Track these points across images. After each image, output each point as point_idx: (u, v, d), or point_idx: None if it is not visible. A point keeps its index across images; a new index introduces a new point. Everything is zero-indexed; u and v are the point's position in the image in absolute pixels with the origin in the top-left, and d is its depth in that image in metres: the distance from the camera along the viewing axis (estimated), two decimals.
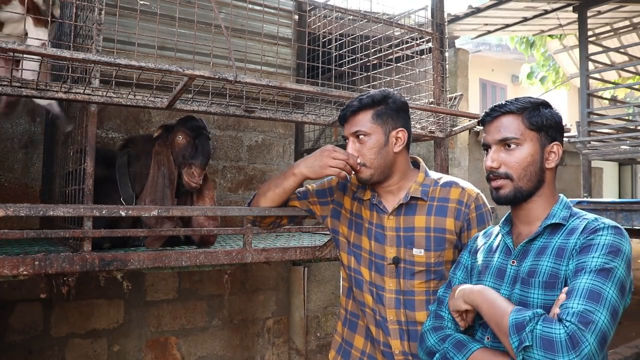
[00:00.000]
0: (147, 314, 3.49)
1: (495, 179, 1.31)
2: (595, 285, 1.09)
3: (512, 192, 1.29)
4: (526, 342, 1.06)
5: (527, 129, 1.29)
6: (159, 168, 2.26)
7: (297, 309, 4.03)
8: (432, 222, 1.59)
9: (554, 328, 1.05)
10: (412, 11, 3.05)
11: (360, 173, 1.62)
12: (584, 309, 1.06)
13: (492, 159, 1.30)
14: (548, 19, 5.66)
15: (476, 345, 1.26)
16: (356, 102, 1.63)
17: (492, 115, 1.33)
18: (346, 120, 1.65)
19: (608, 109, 6.12)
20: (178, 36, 2.09)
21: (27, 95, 1.79)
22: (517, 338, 1.08)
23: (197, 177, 2.22)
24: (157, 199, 2.22)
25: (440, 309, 1.40)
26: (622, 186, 9.33)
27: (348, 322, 1.77)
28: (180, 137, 2.25)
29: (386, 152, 1.62)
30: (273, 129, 4.10)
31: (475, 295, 1.24)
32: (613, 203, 4.13)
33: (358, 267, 1.69)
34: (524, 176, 1.28)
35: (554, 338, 1.04)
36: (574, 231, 1.23)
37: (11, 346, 3.01)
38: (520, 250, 1.29)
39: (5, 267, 1.57)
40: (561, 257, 1.20)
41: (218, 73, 1.72)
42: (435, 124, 2.80)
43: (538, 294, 1.20)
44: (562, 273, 1.18)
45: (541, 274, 1.21)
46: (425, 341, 1.37)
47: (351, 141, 1.63)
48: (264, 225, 1.93)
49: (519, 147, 1.29)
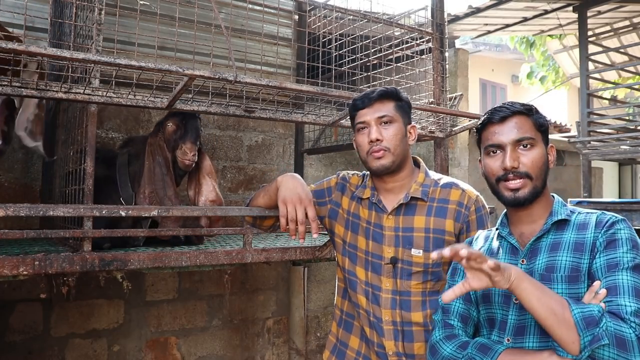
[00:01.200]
0: (147, 314, 3.49)
1: (514, 179, 1.29)
2: (637, 282, 1.13)
3: (531, 192, 1.29)
4: (604, 340, 1.05)
5: (536, 130, 1.32)
6: (154, 158, 2.32)
7: (297, 309, 4.03)
8: (432, 222, 1.59)
9: (623, 327, 1.06)
10: (412, 11, 3.05)
11: (383, 159, 1.60)
12: (637, 307, 1.09)
13: (512, 159, 1.29)
14: (548, 19, 5.66)
15: (501, 347, 1.24)
16: (381, 90, 1.64)
17: (502, 114, 1.32)
18: (371, 105, 1.63)
19: (608, 109, 6.12)
20: (178, 36, 2.09)
21: (27, 95, 1.79)
22: (590, 334, 1.06)
23: (189, 154, 2.31)
24: (158, 188, 2.27)
25: (448, 317, 1.37)
26: (622, 186, 9.33)
27: (343, 322, 1.76)
28: (170, 124, 2.33)
29: (405, 142, 1.65)
30: (273, 129, 4.10)
31: (523, 277, 1.11)
32: (613, 203, 4.13)
33: (352, 268, 1.69)
34: (539, 175, 1.30)
35: (625, 337, 1.05)
36: (586, 226, 1.25)
37: (11, 346, 3.01)
38: (528, 249, 1.30)
39: (5, 267, 1.57)
40: (581, 251, 1.22)
41: (218, 73, 1.72)
42: (435, 124, 2.80)
43: (562, 288, 1.21)
44: (584, 266, 1.21)
45: (562, 268, 1.22)
46: (440, 351, 1.31)
47: (374, 126, 1.60)
48: (263, 227, 1.92)
49: (534, 147, 1.30)
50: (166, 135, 2.34)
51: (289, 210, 1.61)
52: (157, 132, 2.38)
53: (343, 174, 1.83)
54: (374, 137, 1.59)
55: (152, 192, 2.25)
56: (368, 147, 1.61)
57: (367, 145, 1.61)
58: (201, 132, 2.43)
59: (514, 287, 1.12)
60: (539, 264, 1.26)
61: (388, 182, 1.65)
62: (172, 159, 2.35)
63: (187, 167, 2.36)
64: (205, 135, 3.73)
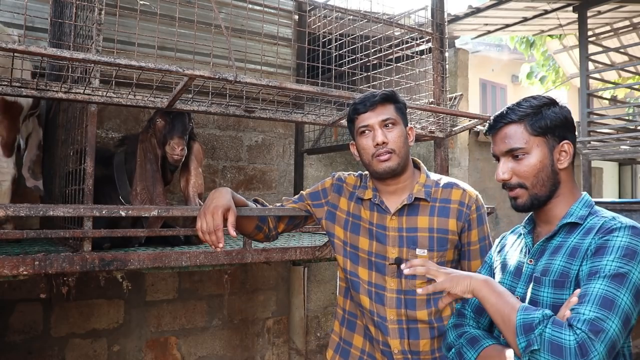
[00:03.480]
0: (147, 314, 3.49)
1: (510, 190, 1.30)
2: (608, 292, 1.08)
3: (528, 200, 1.28)
4: (534, 346, 1.05)
5: (532, 136, 1.27)
6: (145, 155, 2.34)
7: (297, 309, 4.03)
8: (435, 222, 1.61)
9: (564, 333, 1.04)
10: (412, 11, 3.05)
11: (389, 161, 1.60)
12: (595, 316, 1.05)
13: (502, 171, 1.29)
14: (548, 19, 5.66)
15: (489, 342, 1.27)
16: (382, 94, 1.63)
17: (496, 126, 1.32)
18: (374, 109, 1.63)
19: (608, 109, 6.12)
20: (178, 36, 2.10)
21: (27, 95, 1.79)
22: (525, 339, 1.07)
23: (177, 148, 2.31)
24: (149, 185, 2.29)
25: (464, 307, 1.41)
26: (622, 186, 9.33)
27: (346, 321, 1.77)
28: (159, 121, 2.35)
29: (407, 143, 1.66)
30: (273, 129, 4.10)
31: (481, 285, 1.20)
32: (613, 203, 4.14)
33: (354, 269, 1.69)
34: (537, 183, 1.27)
35: (563, 344, 1.03)
36: (591, 231, 1.21)
37: (11, 346, 3.01)
38: (537, 250, 1.29)
39: (5, 267, 1.57)
40: (574, 256, 1.19)
41: (218, 73, 1.72)
42: (435, 124, 2.80)
43: (547, 293, 1.20)
44: (573, 272, 1.17)
45: (552, 272, 1.21)
46: (447, 338, 1.39)
47: (379, 129, 1.61)
48: (257, 240, 1.88)
49: (526, 155, 1.27)
50: (156, 131, 2.37)
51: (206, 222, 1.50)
52: (148, 128, 2.41)
53: (338, 174, 1.83)
54: (380, 140, 1.59)
55: (143, 189, 2.28)
56: (373, 151, 1.61)
57: (373, 148, 1.61)
58: (190, 125, 2.44)
59: (475, 294, 1.20)
60: (539, 266, 1.26)
61: (391, 184, 1.66)
62: (162, 154, 2.38)
63: (176, 162, 2.38)
64: (205, 135, 3.73)
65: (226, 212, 1.52)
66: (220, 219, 1.50)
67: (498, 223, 4.61)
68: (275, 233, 1.82)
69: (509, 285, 1.30)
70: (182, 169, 2.52)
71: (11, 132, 2.23)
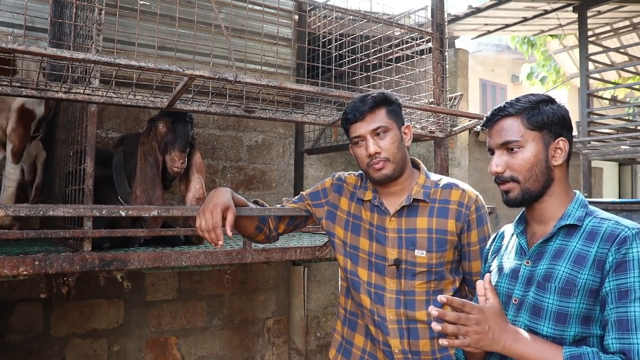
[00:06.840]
0: (147, 314, 3.49)
1: (502, 183, 1.29)
2: None
3: (520, 194, 1.27)
4: None
5: (528, 130, 1.27)
6: (145, 158, 2.33)
7: (297, 309, 4.03)
8: (434, 223, 1.60)
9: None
10: (412, 11, 3.05)
11: (384, 169, 1.59)
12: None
13: (495, 164, 1.29)
14: (548, 19, 5.66)
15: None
16: (371, 100, 1.61)
17: (493, 119, 1.32)
18: (363, 118, 1.61)
19: (608, 109, 6.12)
20: (178, 36, 2.10)
21: (27, 95, 1.79)
22: None
23: (177, 161, 2.31)
24: (148, 188, 2.29)
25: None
26: (622, 186, 9.32)
27: (347, 321, 1.77)
28: (161, 126, 2.34)
29: (403, 146, 1.64)
30: (273, 129, 4.10)
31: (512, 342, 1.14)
32: (613, 203, 4.13)
33: (355, 268, 1.69)
34: (529, 177, 1.26)
35: None
36: (594, 236, 1.19)
37: (11, 346, 3.01)
38: (534, 251, 1.28)
39: (5, 267, 1.57)
40: (581, 264, 1.18)
41: (218, 73, 1.72)
42: (435, 124, 2.80)
43: (553, 300, 1.18)
44: (581, 282, 1.16)
45: (557, 279, 1.19)
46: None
47: (370, 139, 1.60)
48: (257, 241, 1.89)
49: (521, 149, 1.26)
50: (158, 136, 2.35)
51: (205, 219, 1.50)
52: (150, 130, 2.39)
53: (338, 174, 1.83)
54: (373, 151, 1.58)
55: (142, 192, 2.28)
56: (367, 160, 1.61)
57: (367, 158, 1.61)
58: (192, 135, 2.43)
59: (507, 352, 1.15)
60: (540, 270, 1.24)
61: (389, 186, 1.66)
62: (162, 161, 2.36)
63: (175, 174, 2.36)
64: (205, 135, 3.73)
65: (225, 210, 1.52)
66: (219, 217, 1.50)
67: (498, 223, 4.61)
68: (276, 234, 1.82)
69: (506, 288, 1.29)
70: (182, 176, 2.50)
71: (22, 141, 2.30)
